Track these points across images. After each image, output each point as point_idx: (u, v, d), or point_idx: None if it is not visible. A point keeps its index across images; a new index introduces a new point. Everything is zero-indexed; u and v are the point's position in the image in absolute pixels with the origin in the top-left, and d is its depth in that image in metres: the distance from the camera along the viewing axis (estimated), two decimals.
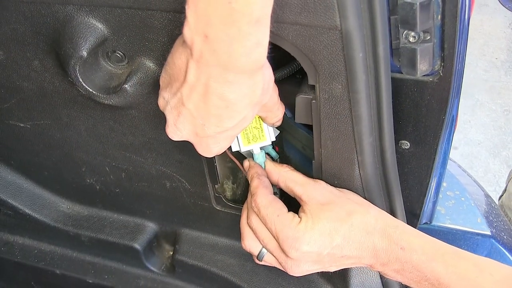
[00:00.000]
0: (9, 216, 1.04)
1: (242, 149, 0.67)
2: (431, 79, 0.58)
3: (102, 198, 0.96)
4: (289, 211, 0.63)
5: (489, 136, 2.87)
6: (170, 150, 0.77)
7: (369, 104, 0.55)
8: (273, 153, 0.73)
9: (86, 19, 0.58)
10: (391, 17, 0.52)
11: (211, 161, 0.77)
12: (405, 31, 0.53)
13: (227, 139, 0.55)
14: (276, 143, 0.72)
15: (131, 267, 1.04)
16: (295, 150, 0.79)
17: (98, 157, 0.84)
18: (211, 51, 0.43)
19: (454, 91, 0.59)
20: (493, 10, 3.69)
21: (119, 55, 0.62)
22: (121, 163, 0.83)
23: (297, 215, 0.62)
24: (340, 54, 0.50)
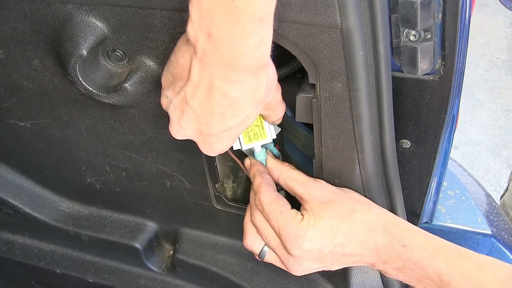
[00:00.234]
0: (9, 215, 1.04)
1: (243, 148, 0.67)
2: (431, 78, 0.58)
3: (102, 197, 0.96)
4: (292, 208, 0.63)
5: (490, 135, 2.87)
6: (170, 149, 0.77)
7: (370, 102, 0.55)
8: (274, 151, 0.73)
9: (86, 17, 0.58)
10: (391, 15, 0.52)
11: (211, 160, 0.76)
12: (406, 30, 0.53)
13: (231, 137, 0.55)
14: (276, 142, 0.72)
15: (131, 266, 1.04)
16: (296, 149, 0.79)
17: (98, 156, 0.83)
18: (215, 49, 0.43)
19: (455, 90, 0.59)
20: (494, 9, 3.69)
21: (119, 54, 0.62)
22: (121, 162, 0.83)
23: (300, 212, 0.62)
24: (340, 52, 0.50)
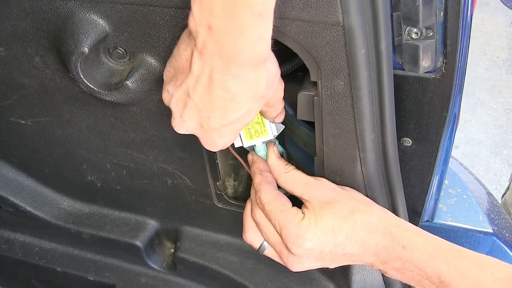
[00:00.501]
0: (10, 213, 1.04)
1: (245, 145, 0.67)
2: (433, 76, 0.58)
3: (103, 195, 0.96)
4: (294, 205, 0.63)
5: (490, 135, 2.86)
6: (171, 147, 0.77)
7: (371, 100, 0.55)
8: (279, 148, 0.73)
9: (87, 15, 0.58)
10: (393, 13, 0.52)
11: (212, 158, 0.76)
12: (408, 28, 0.52)
13: (232, 132, 0.55)
14: (278, 140, 0.72)
15: (132, 264, 1.04)
16: (297, 147, 0.78)
17: (99, 154, 0.83)
18: (215, 42, 0.43)
19: (456, 88, 0.59)
20: (494, 9, 3.68)
21: (120, 52, 0.62)
22: (123, 160, 0.83)
23: (301, 210, 0.62)
24: (342, 50, 0.50)
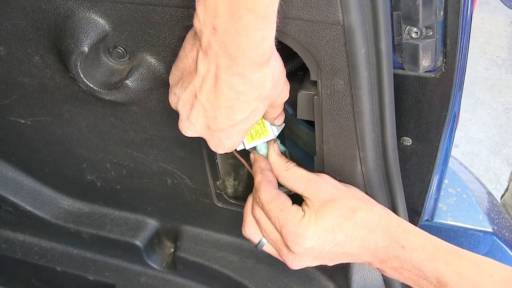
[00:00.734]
0: (9, 213, 1.04)
1: (247, 147, 0.67)
2: (433, 75, 0.58)
3: (103, 194, 0.96)
4: (295, 203, 0.63)
5: (490, 134, 2.86)
6: (171, 146, 0.77)
7: (371, 100, 0.55)
8: (281, 147, 0.73)
9: (87, 14, 0.58)
10: (393, 12, 0.52)
11: (212, 157, 0.76)
12: (408, 27, 0.52)
13: (239, 133, 0.55)
14: (278, 138, 0.72)
15: (132, 264, 1.04)
16: (297, 146, 0.78)
17: (99, 153, 0.83)
18: (219, 42, 0.44)
19: (456, 87, 0.59)
20: (494, 8, 3.68)
21: (120, 51, 0.62)
22: (122, 160, 0.83)
23: (301, 208, 0.62)
24: (342, 49, 0.50)
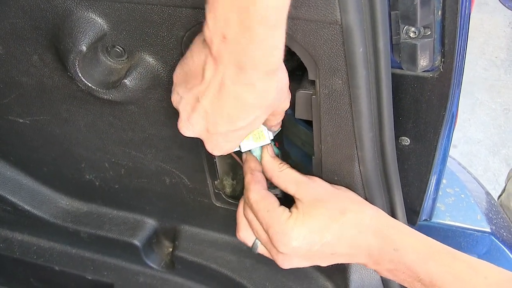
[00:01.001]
0: (8, 212, 1.04)
1: (242, 149, 0.67)
2: (431, 75, 0.58)
3: (101, 194, 0.96)
4: (287, 205, 0.63)
5: (489, 134, 2.87)
6: (169, 146, 0.77)
7: (369, 99, 0.55)
8: (275, 150, 0.73)
9: (85, 13, 0.58)
10: (391, 12, 0.52)
11: (210, 157, 0.76)
12: (406, 27, 0.52)
13: (238, 138, 0.55)
14: (276, 139, 0.72)
15: (131, 263, 1.04)
16: (295, 146, 0.78)
17: (97, 153, 0.83)
18: (229, 51, 0.44)
19: (454, 87, 0.59)
20: (493, 9, 3.68)
21: (118, 50, 0.62)
22: (121, 159, 0.83)
23: (289, 209, 0.62)
24: (340, 49, 0.50)
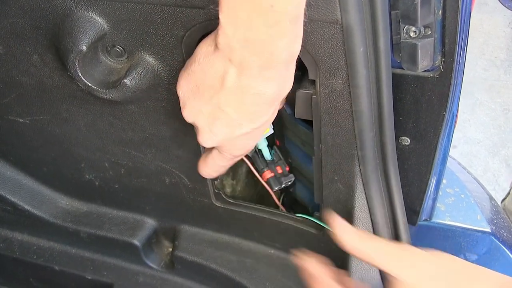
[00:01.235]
0: (8, 212, 1.04)
1: None
2: (431, 75, 0.58)
3: (101, 194, 0.96)
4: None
5: (489, 135, 2.87)
6: (169, 146, 0.76)
7: (370, 99, 0.55)
8: (266, 154, 0.73)
9: (85, 13, 0.58)
10: (392, 11, 0.52)
11: None
12: (406, 26, 0.52)
13: (261, 133, 0.55)
14: (277, 139, 0.72)
15: (130, 263, 1.04)
16: (295, 146, 0.79)
17: (97, 152, 0.83)
18: (253, 53, 0.44)
19: (454, 87, 0.59)
20: (493, 9, 3.68)
21: (118, 50, 0.62)
22: (121, 159, 0.83)
23: None
24: (340, 48, 0.50)
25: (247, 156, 0.75)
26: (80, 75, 0.61)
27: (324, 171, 0.66)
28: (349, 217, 0.71)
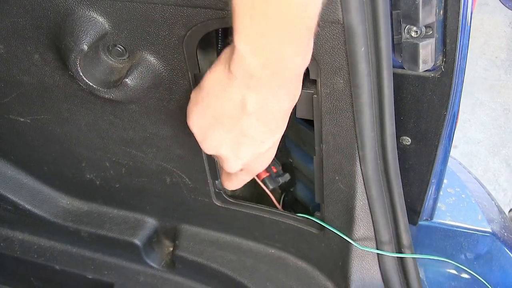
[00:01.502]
0: (9, 211, 1.04)
1: None
2: (432, 75, 0.58)
3: (102, 193, 0.96)
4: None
5: (489, 135, 2.86)
6: (170, 145, 0.76)
7: (371, 99, 0.55)
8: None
9: (87, 12, 0.58)
10: (393, 11, 0.52)
11: (211, 156, 0.76)
12: (407, 26, 0.52)
13: (278, 142, 0.55)
14: None
15: (131, 263, 1.04)
16: (296, 146, 0.79)
17: (98, 152, 0.83)
18: (272, 74, 0.44)
19: (455, 86, 0.59)
20: (494, 9, 3.68)
21: (119, 49, 0.62)
22: (121, 158, 0.83)
23: None
24: (342, 48, 0.50)
25: None
26: (81, 74, 0.61)
27: (325, 171, 0.66)
28: (350, 217, 0.71)
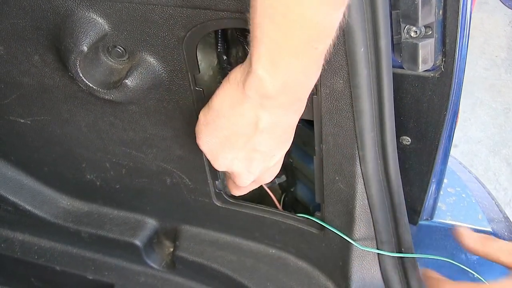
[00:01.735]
0: (9, 212, 1.04)
1: None
2: (432, 75, 0.58)
3: (102, 194, 0.96)
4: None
5: (489, 134, 2.86)
6: (170, 146, 0.76)
7: (371, 99, 0.55)
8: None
9: (86, 13, 0.58)
10: (392, 11, 0.52)
11: None
12: (407, 26, 0.52)
13: (285, 152, 0.56)
14: None
15: (131, 263, 1.04)
16: (296, 146, 0.79)
17: (98, 153, 0.83)
18: (287, 94, 0.44)
19: (455, 86, 0.59)
20: (493, 8, 3.68)
21: (119, 50, 0.62)
22: (122, 159, 0.83)
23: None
24: (341, 48, 0.50)
25: None
26: (81, 75, 0.61)
27: (325, 171, 0.66)
28: (350, 217, 0.71)
